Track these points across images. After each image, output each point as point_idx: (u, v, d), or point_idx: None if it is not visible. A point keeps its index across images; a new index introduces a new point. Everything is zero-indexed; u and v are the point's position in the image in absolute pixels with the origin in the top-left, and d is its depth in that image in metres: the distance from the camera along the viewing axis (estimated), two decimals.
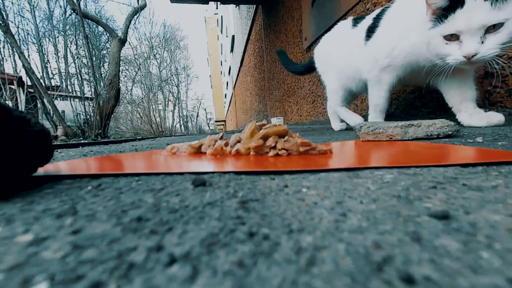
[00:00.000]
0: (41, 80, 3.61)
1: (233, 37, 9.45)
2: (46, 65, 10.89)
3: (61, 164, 0.52)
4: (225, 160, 0.47)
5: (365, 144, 0.62)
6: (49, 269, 0.14)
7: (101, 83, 4.32)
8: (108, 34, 4.33)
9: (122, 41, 4.11)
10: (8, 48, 9.46)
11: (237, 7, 7.66)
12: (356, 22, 1.24)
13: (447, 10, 0.75)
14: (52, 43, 11.48)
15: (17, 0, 10.82)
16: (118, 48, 3.99)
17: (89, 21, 5.17)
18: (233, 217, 0.21)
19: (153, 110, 6.08)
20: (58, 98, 4.39)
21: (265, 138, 0.50)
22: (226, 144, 0.54)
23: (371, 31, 1.08)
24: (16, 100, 4.75)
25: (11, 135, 0.29)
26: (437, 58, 0.82)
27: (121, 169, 0.43)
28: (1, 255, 0.16)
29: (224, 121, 18.09)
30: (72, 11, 3.93)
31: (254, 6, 5.21)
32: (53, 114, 3.57)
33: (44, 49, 11.05)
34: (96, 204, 0.25)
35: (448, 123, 0.66)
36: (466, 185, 0.26)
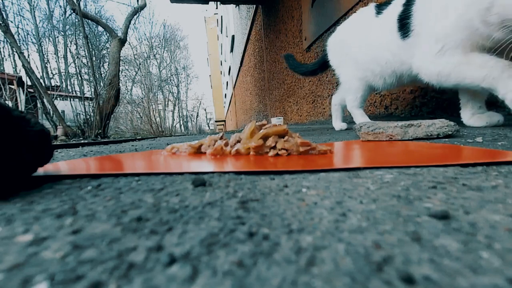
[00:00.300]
0: (41, 80, 3.62)
1: (233, 37, 9.45)
2: (46, 65, 10.90)
3: (61, 164, 0.52)
4: (225, 160, 0.47)
5: (365, 144, 0.62)
6: (49, 269, 0.14)
7: (101, 83, 4.32)
8: (108, 34, 4.33)
9: (122, 41, 4.11)
10: (8, 48, 9.48)
11: (237, 7, 7.66)
12: (381, 10, 1.07)
13: None
14: (52, 43, 11.49)
15: (17, 0, 10.84)
16: (118, 48, 3.99)
17: (89, 21, 5.17)
18: (233, 217, 0.21)
19: (153, 110, 6.08)
20: (58, 98, 4.39)
21: (265, 138, 0.50)
22: (226, 144, 0.54)
23: (406, 19, 0.90)
24: (16, 100, 4.75)
25: (11, 135, 0.29)
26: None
27: (121, 169, 0.43)
28: (1, 255, 0.16)
29: (224, 121, 18.09)
30: (72, 11, 3.93)
31: (254, 6, 5.21)
32: (53, 114, 3.57)
33: (44, 49, 11.07)
34: (96, 204, 0.25)
35: (448, 123, 0.66)
36: (466, 185, 0.26)
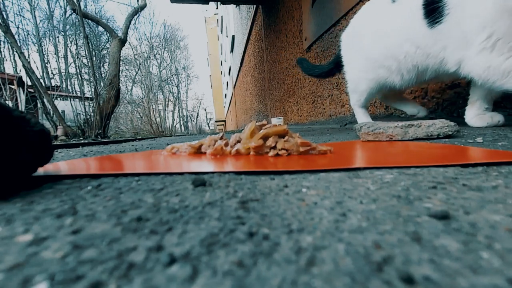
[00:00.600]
0: (41, 80, 3.62)
1: (233, 37, 9.44)
2: (46, 65, 10.90)
3: (61, 164, 0.52)
4: (225, 160, 0.47)
5: (365, 144, 0.62)
6: (49, 269, 0.14)
7: (101, 83, 4.32)
8: (108, 34, 4.33)
9: (122, 41, 4.11)
10: (8, 48, 9.48)
11: (237, 7, 7.66)
12: None
13: None
14: (52, 43, 11.49)
15: (17, 0, 10.84)
16: (118, 48, 3.99)
17: (89, 21, 5.17)
18: (233, 217, 0.21)
19: (153, 110, 6.08)
20: (58, 98, 4.39)
21: (265, 138, 0.50)
22: (226, 144, 0.54)
23: (436, 1, 0.79)
24: (16, 100, 4.75)
25: (11, 135, 0.29)
26: None
27: (121, 169, 0.43)
28: (1, 255, 0.16)
29: (224, 121, 18.09)
30: (72, 11, 3.93)
31: (254, 6, 5.21)
32: (53, 114, 3.57)
33: (44, 49, 11.07)
34: (96, 204, 0.25)
35: (448, 123, 0.66)
36: (466, 185, 0.26)
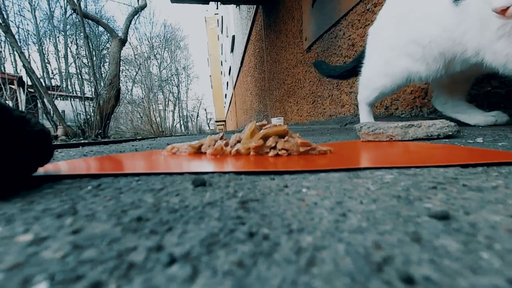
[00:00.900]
0: (41, 80, 3.62)
1: (233, 37, 9.45)
2: (47, 65, 10.91)
3: (61, 164, 0.52)
4: (225, 160, 0.47)
5: (365, 145, 0.62)
6: (49, 269, 0.14)
7: (101, 83, 4.32)
8: (109, 34, 4.33)
9: (123, 41, 4.12)
10: (9, 48, 9.48)
11: (237, 7, 7.66)
12: None
13: None
14: (53, 43, 11.49)
15: (18, 0, 10.84)
16: (119, 48, 3.99)
17: (90, 21, 5.18)
18: (233, 217, 0.21)
19: (153, 110, 6.08)
20: (58, 98, 4.39)
21: (265, 138, 0.50)
22: (226, 144, 0.54)
23: None
24: (17, 100, 4.75)
25: (11, 135, 0.29)
26: None
27: (121, 169, 0.43)
28: (1, 255, 0.16)
29: (224, 121, 18.09)
30: (73, 11, 3.93)
31: (255, 6, 5.22)
32: (53, 114, 3.57)
33: (45, 49, 11.07)
34: (96, 204, 0.25)
35: (449, 124, 0.66)
36: (466, 186, 0.26)
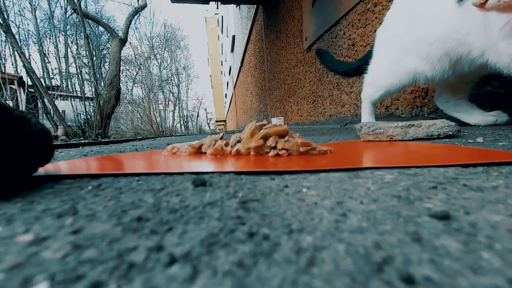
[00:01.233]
0: (42, 80, 3.62)
1: (234, 37, 9.44)
2: (47, 65, 10.91)
3: (62, 164, 0.52)
4: (225, 160, 0.47)
5: (366, 144, 0.62)
6: (49, 269, 0.14)
7: (102, 83, 4.32)
8: (109, 34, 4.33)
9: (123, 41, 4.11)
10: (9, 48, 9.48)
11: (238, 7, 7.66)
12: None
13: None
14: (53, 43, 11.49)
15: (18, 0, 10.84)
16: (119, 48, 3.99)
17: (90, 21, 5.18)
18: (233, 217, 0.21)
19: (154, 110, 6.08)
20: (59, 98, 4.39)
21: (266, 138, 0.50)
22: (227, 144, 0.54)
23: None
24: (17, 100, 4.76)
25: (11, 135, 0.29)
26: None
27: (121, 169, 0.43)
28: (2, 255, 0.16)
29: (225, 121, 18.09)
30: (73, 11, 3.93)
31: (255, 6, 5.21)
32: (54, 114, 3.57)
33: (45, 49, 11.07)
34: (96, 204, 0.25)
35: (449, 123, 0.66)
36: (467, 186, 0.26)
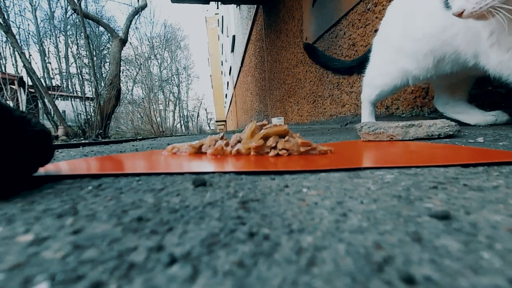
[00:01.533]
0: (42, 80, 3.62)
1: (234, 37, 9.44)
2: (47, 65, 10.91)
3: (62, 164, 0.52)
4: (226, 160, 0.47)
5: (366, 144, 0.62)
6: (50, 269, 0.14)
7: (102, 83, 4.32)
8: (109, 34, 4.34)
9: (123, 41, 4.12)
10: (10, 48, 9.48)
11: (238, 7, 7.65)
12: None
13: None
14: (53, 43, 11.50)
15: (19, 1, 10.85)
16: (119, 48, 3.99)
17: (90, 21, 5.18)
18: (234, 217, 0.21)
19: (154, 110, 6.08)
20: (59, 98, 4.39)
21: (266, 138, 0.50)
22: (227, 144, 0.54)
23: None
24: (17, 100, 4.76)
25: (12, 135, 0.30)
26: None
27: (122, 169, 0.43)
28: (2, 255, 0.16)
29: (225, 121, 18.09)
30: (73, 11, 3.93)
31: (255, 6, 5.21)
32: (54, 114, 3.57)
33: (45, 49, 11.07)
34: (97, 204, 0.25)
35: (449, 123, 0.66)
36: (467, 185, 0.26)
